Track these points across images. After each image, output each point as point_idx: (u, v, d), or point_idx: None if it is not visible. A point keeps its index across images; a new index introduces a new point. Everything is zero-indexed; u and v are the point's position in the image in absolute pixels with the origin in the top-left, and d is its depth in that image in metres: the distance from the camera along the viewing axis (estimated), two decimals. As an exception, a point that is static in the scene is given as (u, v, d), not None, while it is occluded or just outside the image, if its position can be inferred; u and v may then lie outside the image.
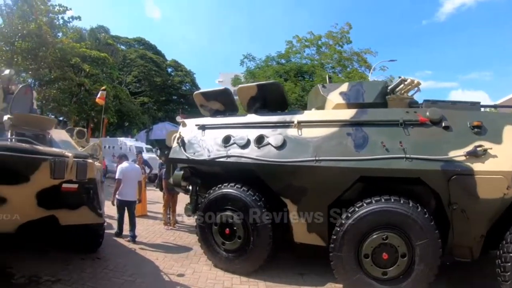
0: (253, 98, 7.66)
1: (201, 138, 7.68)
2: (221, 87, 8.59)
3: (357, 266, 5.96)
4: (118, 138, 32.26)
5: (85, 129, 9.45)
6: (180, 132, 8.08)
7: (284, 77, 31.85)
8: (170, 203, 10.99)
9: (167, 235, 10.09)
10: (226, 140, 7.29)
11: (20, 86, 8.57)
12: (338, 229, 6.08)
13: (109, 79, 36.89)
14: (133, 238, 8.97)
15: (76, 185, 5.92)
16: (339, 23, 35.70)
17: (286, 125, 6.94)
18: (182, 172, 7.84)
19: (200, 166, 7.68)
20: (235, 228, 6.95)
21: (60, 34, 29.47)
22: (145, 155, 18.67)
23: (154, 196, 15.55)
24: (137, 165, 10.39)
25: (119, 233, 9.30)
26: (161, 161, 12.26)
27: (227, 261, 7.12)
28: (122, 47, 54.37)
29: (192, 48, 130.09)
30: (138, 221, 10.09)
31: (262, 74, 32.68)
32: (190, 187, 7.98)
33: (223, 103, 8.14)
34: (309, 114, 7.09)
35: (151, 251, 8.33)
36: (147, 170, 13.49)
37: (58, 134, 7.77)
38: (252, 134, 7.10)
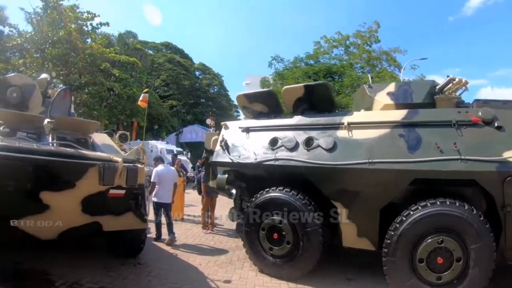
0: (299, 99, 7.45)
1: (246, 140, 7.54)
2: (265, 89, 8.44)
3: (411, 271, 5.76)
4: (149, 141, 32.54)
5: (127, 133, 9.35)
6: (223, 135, 7.92)
7: (313, 78, 31.58)
8: (208, 206, 10.83)
9: (206, 239, 9.96)
10: (273, 143, 7.13)
11: (59, 90, 8.56)
12: (392, 233, 5.88)
13: (138, 83, 37.13)
14: (172, 238, 8.95)
15: (123, 191, 5.83)
16: (366, 22, 34.94)
17: (335, 126, 6.75)
18: (226, 175, 7.66)
19: (245, 170, 7.53)
20: (283, 233, 6.75)
21: (89, 40, 29.90)
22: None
23: (188, 199, 15.42)
24: (173, 168, 10.38)
25: (158, 237, 9.23)
26: (198, 163, 12.15)
27: (275, 267, 6.94)
28: (150, 51, 54.75)
29: (217, 50, 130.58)
30: (176, 224, 10.02)
31: (291, 75, 32.49)
32: (234, 191, 7.80)
33: (267, 104, 7.96)
34: (359, 115, 6.89)
35: (192, 256, 8.17)
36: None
37: (100, 138, 7.68)
38: (300, 136, 6.94)
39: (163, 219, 9.29)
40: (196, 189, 13.26)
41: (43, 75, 9.81)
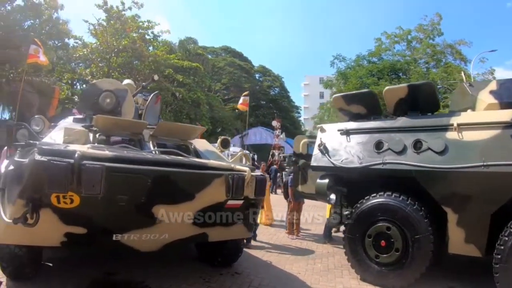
0: (402, 99, 7.13)
1: (347, 144, 7.28)
2: (364, 90, 8.16)
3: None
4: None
5: (229, 138, 8.99)
6: (320, 138, 7.69)
7: (377, 76, 31.00)
8: (295, 211, 10.64)
9: (295, 245, 9.74)
10: (379, 146, 6.85)
11: (152, 95, 8.46)
12: (506, 239, 5.47)
13: (199, 87, 37.73)
14: (253, 238, 8.89)
15: (241, 201, 5.47)
16: (428, 14, 33.97)
17: (444, 128, 6.39)
18: (327, 180, 7.44)
19: (347, 174, 7.28)
20: (392, 240, 6.46)
21: (151, 48, 30.66)
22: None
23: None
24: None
25: (247, 242, 9.06)
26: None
27: (380, 275, 6.62)
28: (209, 56, 55.46)
29: (273, 51, 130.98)
30: (261, 228, 9.89)
31: (354, 74, 32.03)
32: (333, 197, 7.56)
33: (366, 106, 7.68)
34: (468, 116, 6.49)
35: (288, 263, 7.93)
36: None
37: (201, 144, 7.31)
38: (408, 138, 6.63)
39: None
40: (273, 191, 13.08)
41: (127, 81, 9.64)
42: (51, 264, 6.41)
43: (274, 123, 31.31)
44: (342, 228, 7.70)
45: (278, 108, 57.84)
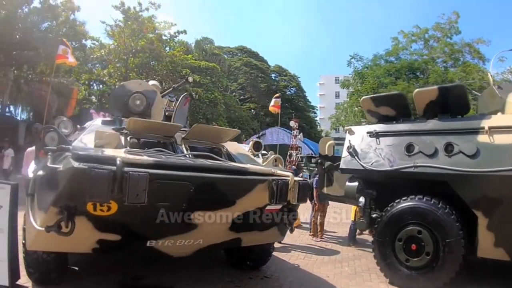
0: (432, 102, 7.07)
1: (377, 146, 7.24)
2: (395, 92, 8.11)
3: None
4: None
5: (261, 141, 8.76)
6: (349, 141, 7.65)
7: (394, 76, 30.79)
8: (319, 213, 10.58)
9: (319, 247, 9.69)
10: (409, 149, 6.80)
11: (181, 97, 8.35)
12: None
13: (216, 87, 37.82)
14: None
15: (279, 206, 5.28)
16: (445, 13, 33.63)
17: (475, 131, 6.33)
18: (356, 183, 7.40)
19: (377, 177, 7.23)
20: (423, 243, 6.40)
21: (167, 48, 30.83)
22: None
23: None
24: None
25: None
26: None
27: (409, 279, 6.56)
28: (225, 56, 55.52)
29: (288, 51, 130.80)
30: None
31: (371, 74, 31.83)
32: (362, 199, 7.52)
33: (395, 108, 7.62)
34: (499, 119, 6.43)
35: (315, 267, 7.86)
36: None
37: (233, 146, 7.02)
38: (439, 141, 6.57)
39: None
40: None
41: (152, 82, 9.44)
42: (76, 268, 6.24)
43: (292, 123, 31.12)
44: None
45: (294, 108, 57.53)
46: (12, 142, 23.80)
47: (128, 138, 5.84)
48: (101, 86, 35.48)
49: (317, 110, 74.37)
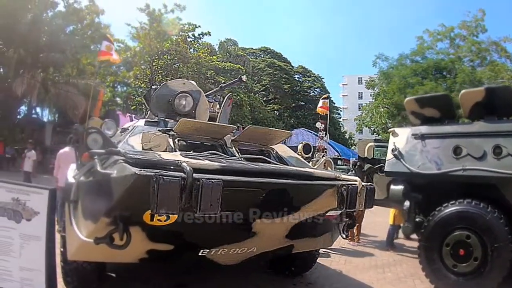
0: (478, 103, 6.91)
1: (422, 148, 7.10)
2: (439, 93, 7.97)
3: None
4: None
5: (310, 143, 8.40)
6: (394, 143, 7.52)
7: (420, 75, 30.41)
8: (356, 217, 10.41)
9: (358, 252, 9.53)
10: (457, 151, 6.66)
11: (225, 98, 8.18)
12: None
13: (241, 88, 37.84)
14: None
15: (339, 212, 4.92)
16: (470, 10, 33.25)
17: None
18: (402, 187, 7.28)
19: (422, 180, 7.10)
20: (471, 248, 6.24)
21: (191, 50, 31.03)
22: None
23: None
24: None
25: None
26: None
27: (456, 285, 6.39)
28: (248, 57, 55.56)
29: (310, 51, 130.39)
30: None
31: (397, 74, 31.47)
32: (407, 203, 7.37)
33: (440, 109, 7.47)
34: None
35: (358, 273, 7.71)
36: None
37: (282, 149, 6.63)
38: (487, 144, 6.42)
39: None
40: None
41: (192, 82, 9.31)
42: (114, 275, 5.92)
43: (318, 124, 30.89)
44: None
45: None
46: (38, 143, 24.12)
47: (176, 140, 5.53)
48: (125, 88, 35.87)
49: (340, 111, 73.88)
